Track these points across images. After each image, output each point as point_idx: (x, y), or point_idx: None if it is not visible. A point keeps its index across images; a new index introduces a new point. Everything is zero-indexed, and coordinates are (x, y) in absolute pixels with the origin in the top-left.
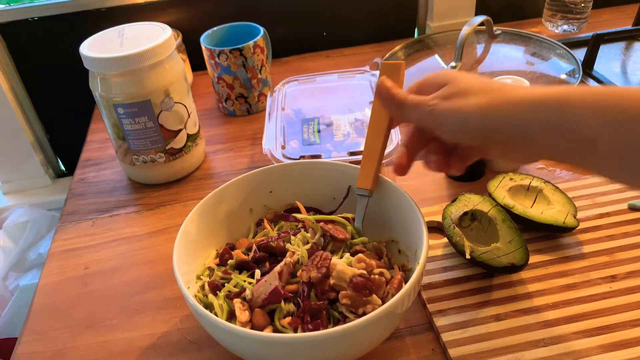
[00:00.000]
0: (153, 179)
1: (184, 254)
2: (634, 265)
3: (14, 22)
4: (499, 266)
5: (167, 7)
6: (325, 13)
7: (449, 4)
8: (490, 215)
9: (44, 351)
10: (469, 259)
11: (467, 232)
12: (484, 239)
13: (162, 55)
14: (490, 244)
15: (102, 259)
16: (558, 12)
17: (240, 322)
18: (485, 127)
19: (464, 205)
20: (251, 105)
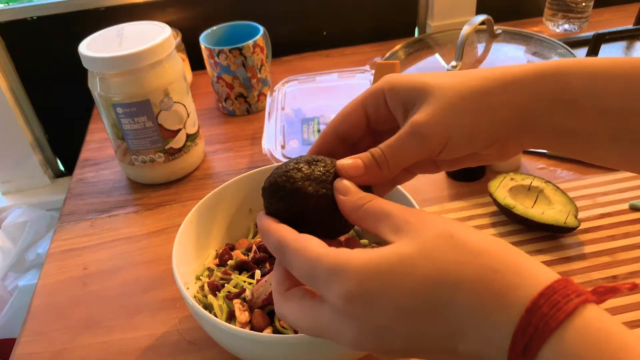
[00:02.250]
0: (152, 179)
1: (184, 254)
2: (635, 265)
3: (13, 21)
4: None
5: (167, 7)
6: (325, 12)
7: (449, 3)
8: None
9: (43, 352)
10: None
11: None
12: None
13: (161, 54)
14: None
15: (101, 259)
16: (559, 11)
17: (240, 323)
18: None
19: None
20: (251, 105)
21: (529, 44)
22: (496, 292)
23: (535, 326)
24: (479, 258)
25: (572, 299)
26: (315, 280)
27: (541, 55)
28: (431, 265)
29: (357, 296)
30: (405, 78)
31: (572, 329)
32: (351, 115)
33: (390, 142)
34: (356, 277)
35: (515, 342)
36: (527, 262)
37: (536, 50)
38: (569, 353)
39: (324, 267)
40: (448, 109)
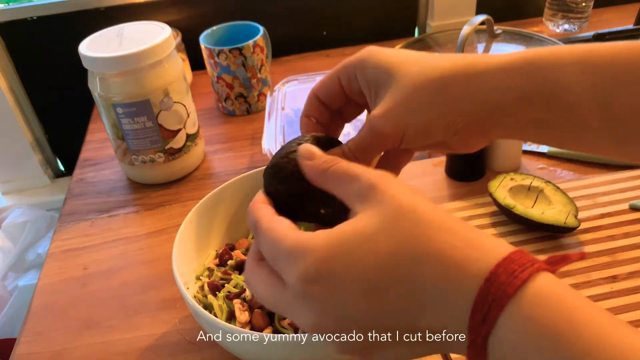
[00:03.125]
0: (152, 179)
1: (183, 254)
2: (635, 265)
3: (13, 21)
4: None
5: (167, 7)
6: (325, 12)
7: (449, 3)
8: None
9: (43, 352)
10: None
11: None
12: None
13: (161, 54)
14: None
15: (101, 259)
16: (559, 11)
17: (240, 323)
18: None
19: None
20: (251, 105)
21: (529, 44)
22: (457, 264)
23: (494, 294)
24: (440, 234)
25: (527, 267)
26: (277, 261)
27: None
28: (392, 241)
29: (315, 277)
30: (376, 57)
31: (527, 294)
32: (327, 85)
33: (355, 140)
34: (314, 258)
35: (476, 311)
36: (486, 237)
37: None
38: (524, 317)
39: (284, 249)
40: (403, 103)
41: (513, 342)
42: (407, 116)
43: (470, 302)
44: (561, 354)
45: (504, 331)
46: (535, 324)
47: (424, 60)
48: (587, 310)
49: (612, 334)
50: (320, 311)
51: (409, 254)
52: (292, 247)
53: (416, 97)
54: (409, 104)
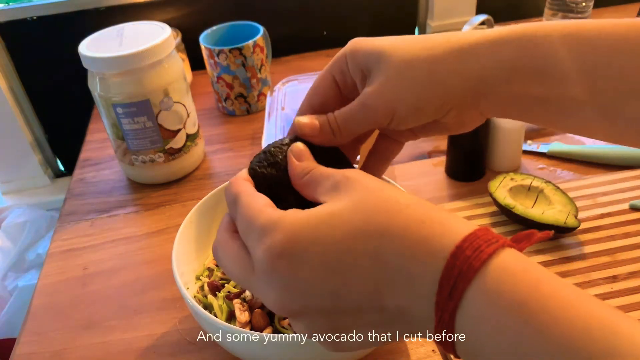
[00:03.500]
0: (152, 179)
1: (183, 254)
2: (635, 265)
3: (13, 21)
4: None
5: (167, 6)
6: (325, 12)
7: (449, 3)
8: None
9: (43, 352)
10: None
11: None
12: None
13: (161, 54)
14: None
15: (101, 259)
16: (559, 11)
17: (240, 323)
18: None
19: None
20: (251, 105)
21: None
22: (422, 239)
23: (460, 268)
24: (406, 210)
25: (493, 242)
26: (248, 236)
27: None
28: (358, 216)
29: (280, 252)
30: (365, 43)
31: (493, 268)
32: (321, 87)
33: (343, 110)
34: (282, 233)
35: (442, 286)
36: (452, 216)
37: None
38: (490, 290)
39: (258, 224)
40: (394, 80)
41: (480, 317)
42: (399, 92)
43: (437, 277)
44: (528, 325)
45: (471, 305)
46: (501, 296)
47: (414, 40)
48: (552, 282)
49: (577, 305)
50: (285, 287)
51: (374, 228)
52: (265, 222)
53: (408, 74)
54: (401, 82)
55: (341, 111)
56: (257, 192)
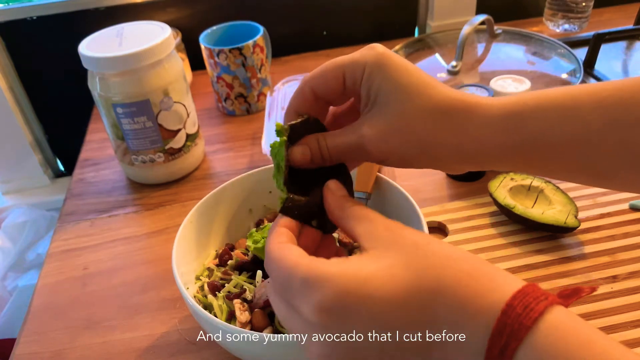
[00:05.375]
0: (152, 179)
1: (183, 254)
2: (635, 265)
3: (13, 21)
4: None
5: (167, 6)
6: (325, 12)
7: (449, 3)
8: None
9: (43, 352)
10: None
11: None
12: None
13: (161, 54)
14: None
15: (101, 259)
16: (559, 11)
17: (240, 323)
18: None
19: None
20: (251, 105)
21: (529, 43)
22: (473, 295)
23: (511, 327)
24: (456, 263)
25: (542, 300)
26: (289, 291)
27: (541, 55)
28: (410, 273)
29: (330, 308)
30: (388, 68)
31: (544, 327)
32: (327, 78)
33: (337, 143)
34: (331, 288)
35: (493, 344)
36: (499, 270)
37: (536, 50)
38: (542, 349)
39: (298, 277)
40: (399, 133)
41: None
42: (399, 146)
43: (488, 334)
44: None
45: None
46: (553, 355)
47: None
48: (603, 342)
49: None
50: (334, 344)
51: (427, 284)
52: (306, 276)
53: (412, 132)
54: (404, 137)
55: (335, 142)
56: (284, 244)
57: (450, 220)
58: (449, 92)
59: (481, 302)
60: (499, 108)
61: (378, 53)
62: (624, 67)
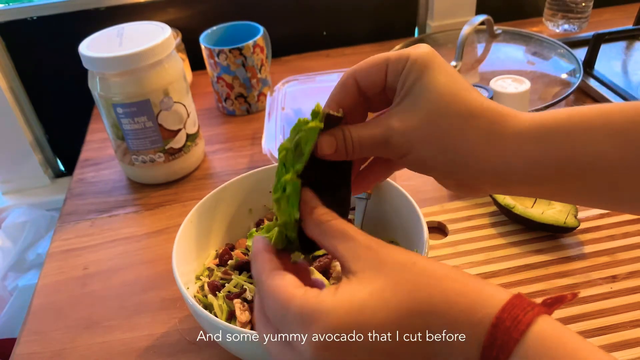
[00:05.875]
0: (152, 179)
1: (183, 254)
2: (634, 265)
3: (13, 21)
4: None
5: (167, 7)
6: (325, 12)
7: (449, 3)
8: None
9: (43, 352)
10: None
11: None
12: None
13: (161, 54)
14: None
15: (101, 259)
16: (559, 11)
17: (240, 323)
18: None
19: None
20: (251, 105)
21: (528, 44)
22: (464, 311)
23: (501, 339)
24: (444, 282)
25: (529, 311)
26: (285, 325)
27: (541, 55)
28: (401, 296)
29: (328, 343)
30: (426, 68)
31: (532, 337)
32: (372, 70)
33: (362, 135)
34: (328, 322)
35: (485, 357)
36: (485, 283)
37: (536, 50)
38: (532, 358)
39: (293, 310)
40: (420, 130)
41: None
42: (422, 143)
43: (479, 348)
44: None
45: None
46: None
47: (460, 97)
48: (588, 349)
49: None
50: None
51: (418, 307)
52: (301, 311)
53: (438, 130)
54: (429, 134)
55: (360, 134)
56: (278, 270)
57: (450, 220)
58: (482, 99)
59: (472, 319)
60: (531, 121)
61: (423, 51)
62: (624, 68)
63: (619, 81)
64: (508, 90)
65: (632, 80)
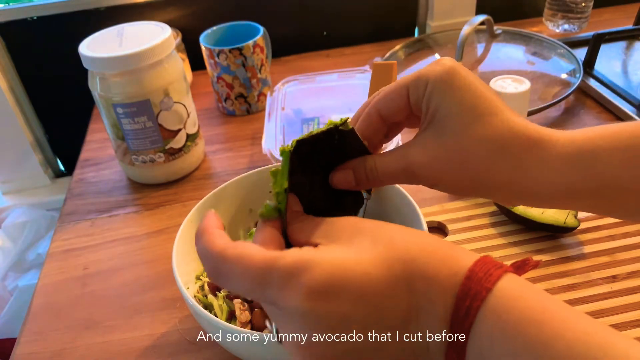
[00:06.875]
0: (152, 179)
1: (184, 254)
2: (634, 265)
3: (13, 21)
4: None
5: (167, 7)
6: (325, 12)
7: (449, 3)
8: None
9: (43, 352)
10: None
11: None
12: None
13: (161, 54)
14: None
15: (101, 259)
16: (559, 11)
17: (240, 323)
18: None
19: None
20: (251, 105)
21: (528, 44)
22: (443, 261)
23: (475, 289)
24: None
25: (499, 267)
26: (267, 287)
27: (541, 56)
28: (382, 247)
29: (319, 290)
30: (448, 90)
31: (503, 288)
32: (394, 99)
33: (386, 167)
34: (319, 272)
35: (459, 306)
36: (453, 245)
37: (536, 50)
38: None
39: (281, 270)
40: (446, 163)
41: (491, 333)
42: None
43: (454, 298)
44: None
45: (483, 323)
46: (512, 311)
47: (488, 123)
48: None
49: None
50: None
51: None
52: (293, 266)
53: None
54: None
55: (385, 167)
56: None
57: (450, 220)
58: (512, 121)
59: (447, 272)
60: (565, 145)
61: (444, 69)
62: (624, 68)
63: (619, 81)
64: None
65: (632, 80)
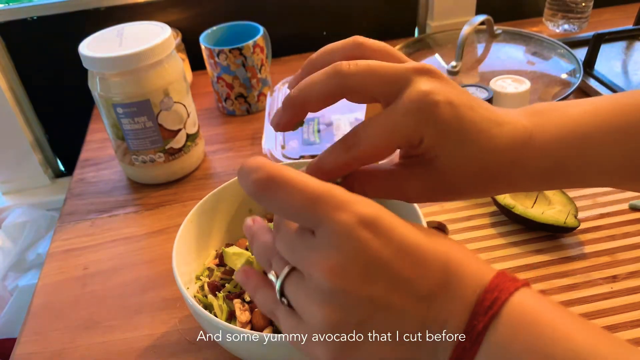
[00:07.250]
0: (152, 179)
1: (183, 254)
2: (635, 265)
3: (13, 21)
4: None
5: (167, 7)
6: (325, 12)
7: (449, 3)
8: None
9: (43, 352)
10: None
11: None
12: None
13: (161, 54)
14: None
15: (101, 259)
16: (559, 11)
17: (240, 323)
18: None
19: None
20: (251, 105)
21: (528, 44)
22: (473, 259)
23: (500, 288)
24: (454, 243)
25: (515, 281)
26: (320, 205)
27: (541, 56)
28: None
29: (369, 221)
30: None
31: (519, 298)
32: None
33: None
34: (372, 207)
35: (484, 298)
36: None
37: (536, 50)
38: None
39: (339, 196)
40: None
41: (509, 332)
42: (440, 196)
43: (479, 294)
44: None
45: (506, 318)
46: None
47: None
48: (565, 313)
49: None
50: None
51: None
52: (351, 195)
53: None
54: (445, 191)
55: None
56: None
57: (450, 220)
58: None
59: (478, 268)
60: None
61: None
62: (624, 68)
63: (619, 81)
64: (508, 90)
65: (632, 80)
